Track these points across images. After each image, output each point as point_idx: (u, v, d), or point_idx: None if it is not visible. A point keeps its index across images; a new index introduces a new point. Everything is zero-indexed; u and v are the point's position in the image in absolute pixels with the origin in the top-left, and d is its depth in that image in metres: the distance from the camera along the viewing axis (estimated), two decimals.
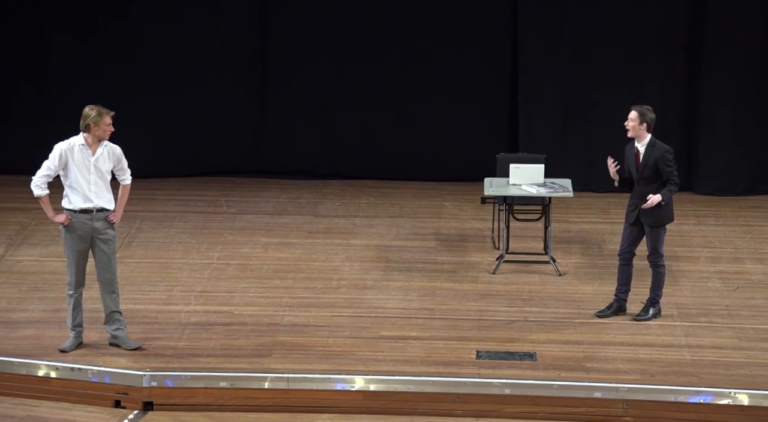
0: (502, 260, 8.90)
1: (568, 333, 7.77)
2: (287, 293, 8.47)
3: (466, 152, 10.82)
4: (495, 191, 8.92)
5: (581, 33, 10.55)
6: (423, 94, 10.94)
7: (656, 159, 7.71)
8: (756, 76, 10.45)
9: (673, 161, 7.70)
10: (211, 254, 9.26)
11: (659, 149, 7.72)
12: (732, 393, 6.94)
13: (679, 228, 9.55)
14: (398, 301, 8.33)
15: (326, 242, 9.52)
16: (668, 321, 7.91)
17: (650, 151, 7.75)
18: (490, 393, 7.08)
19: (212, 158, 11.12)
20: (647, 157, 7.74)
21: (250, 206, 10.41)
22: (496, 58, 10.80)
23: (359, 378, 7.20)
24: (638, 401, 6.98)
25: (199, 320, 8.02)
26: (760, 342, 7.60)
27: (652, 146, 7.74)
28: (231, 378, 7.20)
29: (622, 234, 7.90)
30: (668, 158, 7.69)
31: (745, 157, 10.55)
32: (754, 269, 8.83)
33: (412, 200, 10.55)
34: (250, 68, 11.04)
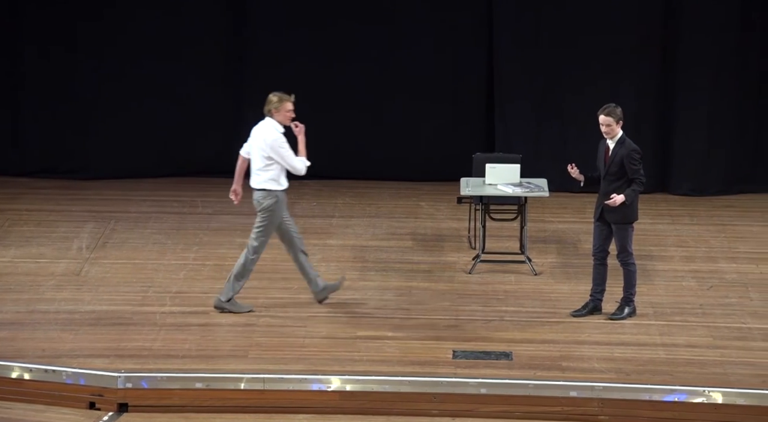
0: (479, 260, 8.91)
1: (544, 333, 7.80)
2: (263, 294, 8.44)
3: (442, 152, 10.84)
4: (471, 191, 8.94)
5: (556, 33, 10.59)
6: (399, 95, 10.95)
7: (623, 157, 7.75)
8: (730, 77, 10.52)
9: (639, 161, 7.73)
10: (187, 254, 9.22)
11: (627, 147, 7.76)
12: (706, 391, 6.98)
13: (654, 228, 9.61)
14: (375, 301, 8.33)
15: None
16: (643, 320, 7.95)
17: (618, 148, 7.79)
18: (466, 392, 7.09)
19: (188, 159, 11.08)
20: (615, 154, 7.78)
21: (226, 207, 10.34)
22: (472, 59, 10.82)
23: (335, 378, 7.19)
24: (613, 400, 7.01)
25: (175, 321, 7.98)
26: (734, 341, 7.66)
27: (621, 143, 7.78)
28: (207, 379, 7.17)
29: (593, 234, 7.93)
30: (634, 156, 7.73)
31: (719, 157, 10.61)
32: (728, 269, 8.88)
33: (388, 200, 10.55)
34: (226, 68, 11.01)
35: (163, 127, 11.04)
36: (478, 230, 9.03)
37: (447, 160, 10.63)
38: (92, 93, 10.97)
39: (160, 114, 11.01)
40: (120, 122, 10.97)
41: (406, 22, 10.79)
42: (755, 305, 8.22)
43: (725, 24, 10.41)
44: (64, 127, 11.01)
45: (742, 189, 10.59)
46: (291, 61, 10.93)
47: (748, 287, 8.53)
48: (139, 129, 11.01)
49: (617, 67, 10.51)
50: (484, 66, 10.80)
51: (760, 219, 10.00)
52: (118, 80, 10.91)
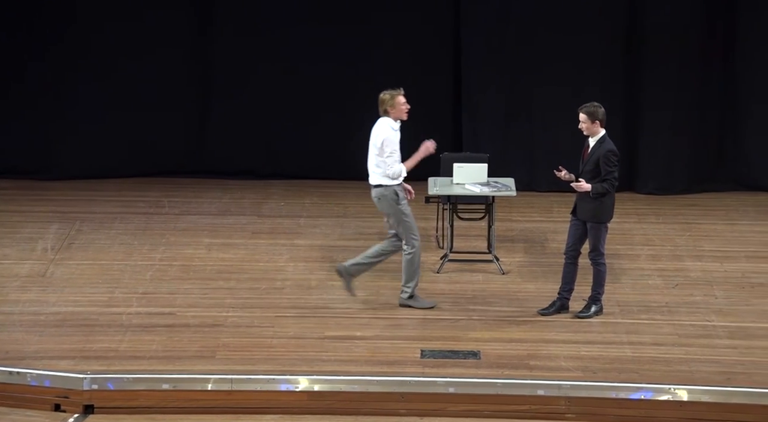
0: (446, 260, 8.93)
1: (512, 332, 7.82)
2: (230, 294, 8.41)
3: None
4: (439, 191, 8.95)
5: (523, 33, 10.63)
6: (366, 94, 10.93)
7: (599, 156, 7.80)
8: (695, 78, 10.61)
9: (614, 163, 7.77)
10: (153, 255, 9.16)
11: (605, 147, 7.81)
12: (671, 389, 7.03)
13: (621, 226, 9.67)
14: (343, 301, 8.32)
15: (270, 242, 9.47)
16: (610, 319, 8.00)
17: (597, 147, 7.84)
18: (434, 392, 7.10)
19: (154, 159, 11.01)
20: (593, 152, 7.83)
21: (193, 207, 10.33)
22: (439, 59, 10.84)
23: (303, 378, 7.17)
24: (580, 398, 7.05)
25: (141, 322, 7.93)
26: (699, 339, 7.72)
27: (601, 143, 7.83)
28: (173, 380, 7.13)
29: (568, 231, 7.98)
30: (611, 158, 7.77)
31: (684, 156, 10.71)
32: (692, 267, 8.96)
33: (356, 200, 10.54)
34: (192, 68, 10.95)
35: (129, 127, 10.96)
36: (445, 229, 9.04)
37: None
38: (55, 93, 10.88)
39: (125, 114, 10.93)
40: (85, 122, 10.89)
41: (373, 23, 10.79)
42: (720, 303, 8.29)
43: (689, 25, 10.51)
44: (27, 127, 10.90)
45: (705, 188, 10.69)
46: (257, 62, 10.90)
47: (712, 285, 8.61)
48: (104, 129, 10.93)
49: (583, 67, 10.57)
50: (452, 66, 10.82)
51: (724, 218, 10.10)
52: (83, 80, 10.83)
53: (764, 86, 10.58)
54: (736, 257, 9.16)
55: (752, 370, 7.29)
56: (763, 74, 10.57)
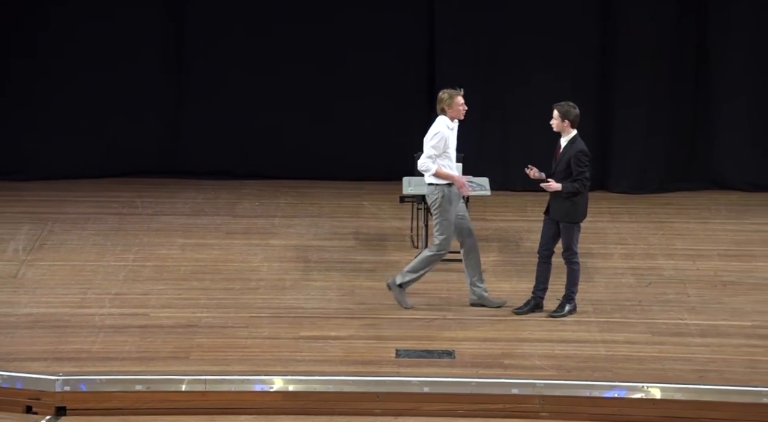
0: None
1: (486, 331, 7.84)
2: (205, 295, 8.38)
3: (384, 152, 10.85)
4: (413, 190, 8.95)
5: (498, 32, 10.66)
6: (340, 94, 10.94)
7: (570, 156, 7.83)
8: (667, 78, 10.68)
9: (585, 163, 7.81)
10: (127, 255, 9.11)
11: (576, 147, 7.85)
12: (645, 386, 7.07)
13: (594, 225, 9.72)
14: (317, 301, 8.31)
15: (244, 242, 9.45)
16: (583, 317, 8.03)
17: (568, 147, 7.87)
18: (409, 391, 7.11)
19: (127, 159, 10.95)
20: (564, 152, 7.87)
21: (167, 207, 10.28)
22: (413, 58, 10.85)
23: (278, 378, 7.16)
24: (554, 396, 7.07)
25: (114, 323, 7.89)
26: (672, 337, 7.77)
27: (572, 143, 7.87)
28: (147, 381, 7.10)
29: (541, 230, 8.00)
30: (581, 158, 7.81)
31: (657, 155, 10.77)
32: (665, 265, 9.02)
33: (330, 200, 10.54)
34: (165, 67, 10.91)
35: (102, 127, 10.90)
36: (420, 229, 9.05)
37: (389, 159, 10.64)
38: (27, 93, 10.80)
39: (98, 114, 10.87)
40: (57, 122, 10.82)
41: (346, 22, 10.79)
42: (692, 301, 8.35)
43: (662, 24, 10.57)
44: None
45: (678, 187, 10.76)
46: (231, 62, 10.86)
47: (685, 283, 8.66)
48: (76, 129, 10.86)
49: (556, 67, 10.61)
50: (426, 66, 10.83)
51: (697, 216, 10.17)
52: (55, 81, 10.75)
53: (736, 86, 10.67)
54: (708, 255, 9.22)
55: (724, 368, 7.34)
56: (735, 74, 10.65)
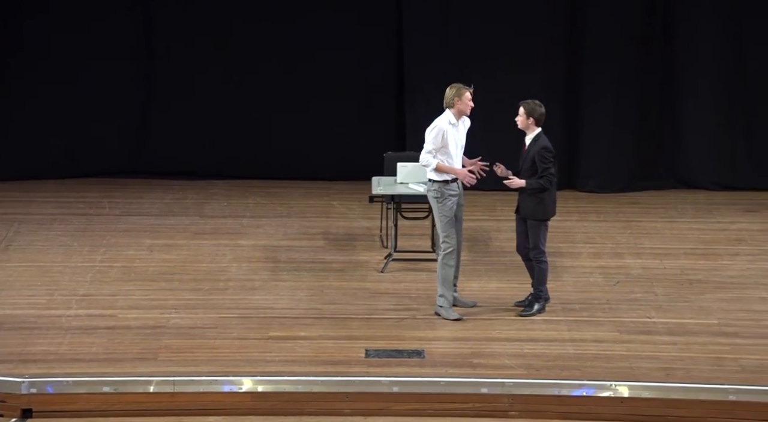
0: (391, 259, 8.94)
1: (456, 330, 7.86)
2: (173, 296, 8.33)
3: (353, 151, 10.85)
4: (383, 190, 8.96)
5: (466, 32, 10.68)
6: (309, 94, 10.93)
7: (534, 153, 7.87)
8: (633, 76, 10.75)
9: (549, 160, 7.85)
10: (94, 256, 9.05)
11: (540, 144, 7.89)
12: (612, 385, 7.11)
13: (562, 225, 9.77)
14: (287, 301, 8.29)
15: (213, 242, 9.41)
16: (552, 316, 8.07)
17: (533, 145, 7.91)
18: (378, 391, 7.10)
19: (94, 159, 10.88)
20: (529, 150, 7.91)
21: (134, 208, 10.22)
22: (383, 58, 10.85)
23: (247, 379, 7.13)
24: (523, 395, 7.09)
25: (81, 324, 7.83)
26: (639, 335, 7.82)
27: (536, 140, 7.91)
28: (114, 383, 7.05)
29: (516, 230, 8.04)
30: (545, 155, 7.85)
31: (624, 155, 10.84)
32: (633, 264, 9.08)
33: (299, 200, 10.52)
34: (133, 67, 10.84)
35: (68, 127, 10.82)
36: (389, 228, 9.05)
37: (358, 159, 10.63)
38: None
39: (64, 114, 10.79)
40: (23, 121, 10.71)
41: (315, 22, 10.77)
42: (660, 300, 8.41)
43: (629, 23, 10.63)
44: None
45: (645, 186, 10.84)
46: (199, 62, 10.82)
47: (652, 282, 8.73)
48: (42, 129, 10.77)
49: (524, 66, 10.65)
50: (394, 65, 10.84)
51: (664, 215, 10.25)
52: (21, 81, 10.65)
53: (701, 85, 10.76)
54: (675, 254, 9.29)
55: (690, 366, 7.40)
56: (700, 74, 10.74)
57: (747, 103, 10.77)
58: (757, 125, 10.79)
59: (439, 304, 7.99)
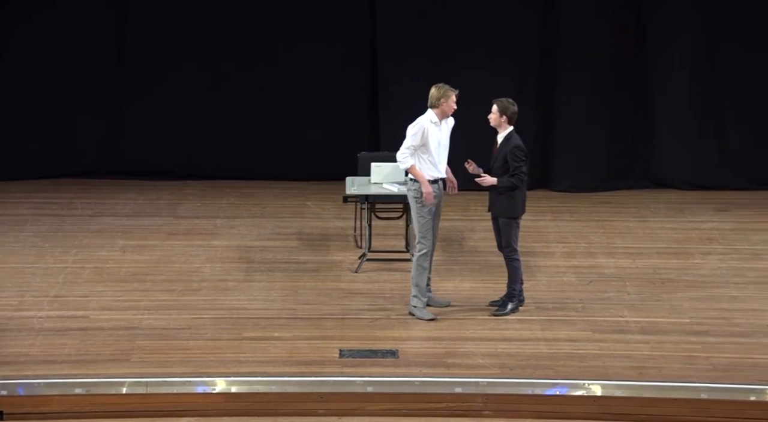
0: (365, 259, 8.94)
1: (430, 330, 7.87)
2: (146, 296, 8.29)
3: (327, 151, 10.84)
4: (356, 190, 8.95)
5: (440, 32, 10.70)
6: (283, 94, 10.90)
7: (507, 152, 7.90)
8: (607, 77, 10.80)
9: (520, 158, 7.88)
10: (66, 257, 8.99)
11: (512, 143, 7.92)
12: (586, 384, 7.15)
13: (536, 224, 9.80)
14: (260, 301, 8.27)
15: (186, 243, 9.37)
16: (526, 316, 8.09)
17: (505, 143, 7.94)
18: (352, 391, 7.10)
19: (66, 160, 10.81)
20: (501, 149, 7.93)
21: (107, 208, 10.16)
22: (356, 57, 10.85)
23: (220, 380, 7.11)
24: (497, 395, 7.11)
25: (53, 325, 7.77)
26: (612, 334, 7.86)
27: (508, 138, 7.93)
28: (87, 385, 7.01)
29: (493, 229, 8.08)
30: (517, 153, 7.88)
31: (597, 155, 10.89)
32: (606, 264, 9.12)
33: (273, 200, 10.49)
34: (105, 67, 10.78)
35: (40, 127, 10.74)
36: (363, 228, 9.05)
37: (332, 159, 10.62)
38: None
39: (36, 114, 10.71)
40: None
41: (290, 22, 10.75)
42: (632, 299, 8.46)
43: (602, 24, 10.69)
44: None
45: (618, 186, 10.90)
46: (172, 61, 10.77)
47: (625, 281, 8.77)
48: (13, 130, 10.68)
49: (497, 65, 10.68)
50: (369, 65, 10.84)
51: (636, 215, 10.31)
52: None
53: (674, 86, 10.82)
54: (647, 253, 9.35)
55: (662, 364, 7.45)
56: (673, 74, 10.81)
57: (719, 103, 10.85)
58: (729, 126, 10.88)
59: (413, 304, 7.99)
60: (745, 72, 10.73)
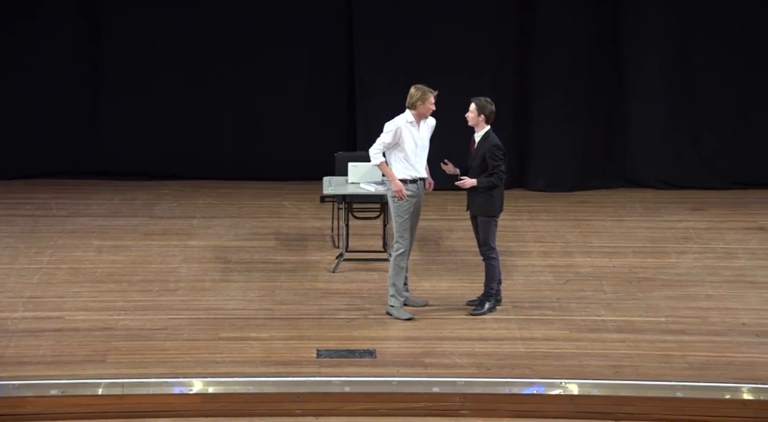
0: (342, 259, 8.93)
1: (407, 330, 7.87)
2: (122, 297, 8.25)
3: (304, 151, 10.82)
4: (334, 190, 8.94)
5: (417, 32, 10.70)
6: (260, 93, 10.88)
7: (485, 151, 7.92)
8: (583, 77, 10.85)
9: (499, 157, 7.90)
10: (41, 258, 8.93)
11: (490, 142, 7.93)
12: (563, 383, 7.17)
13: (513, 224, 9.83)
14: (237, 302, 8.24)
15: (163, 243, 9.33)
16: (503, 315, 8.11)
17: (483, 142, 7.95)
18: (329, 391, 7.10)
19: (41, 160, 10.73)
20: (479, 148, 7.95)
21: (82, 209, 10.10)
22: (333, 57, 10.84)
23: (197, 380, 7.08)
24: (474, 394, 7.13)
25: (28, 326, 7.72)
26: (588, 333, 7.89)
27: (486, 138, 7.95)
28: (62, 386, 6.96)
29: (473, 229, 8.07)
30: (495, 152, 7.90)
31: (573, 154, 10.93)
32: (582, 263, 9.15)
33: (250, 200, 10.47)
34: (80, 66, 10.71)
35: (14, 127, 10.66)
36: (341, 228, 9.04)
37: (310, 159, 10.61)
38: None
39: (9, 113, 10.63)
40: None
41: (267, 22, 10.73)
42: (609, 298, 8.49)
43: (577, 23, 10.73)
44: None
45: (595, 185, 10.94)
46: (148, 61, 10.72)
47: (602, 280, 8.81)
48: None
49: (474, 65, 10.70)
50: (345, 65, 10.84)
51: (613, 214, 10.35)
52: None
53: (650, 86, 10.88)
54: (623, 252, 9.39)
55: (639, 363, 7.48)
56: (648, 74, 10.87)
57: (694, 103, 10.92)
58: (703, 125, 10.95)
59: (391, 304, 7.99)
60: (720, 73, 10.81)
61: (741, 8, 10.70)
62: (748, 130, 10.89)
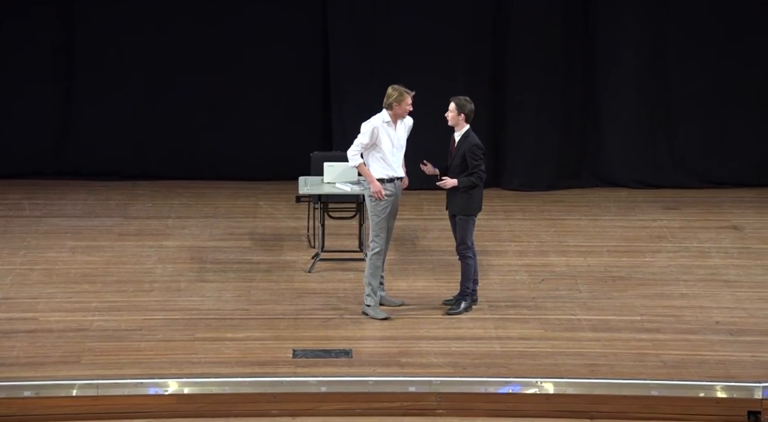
0: (318, 259, 8.92)
1: (383, 329, 7.87)
2: (96, 298, 8.20)
3: (280, 151, 10.80)
4: (309, 190, 8.93)
5: (392, 31, 10.71)
6: (235, 94, 10.85)
7: (465, 151, 7.93)
8: (557, 77, 10.89)
9: (479, 156, 7.92)
10: (14, 259, 8.86)
11: (470, 141, 7.95)
12: (538, 382, 7.20)
13: (489, 223, 9.85)
14: (213, 302, 8.22)
15: (137, 244, 9.28)
16: (479, 314, 8.13)
17: (462, 141, 7.97)
18: (306, 391, 7.09)
19: (14, 160, 10.65)
20: (459, 147, 7.96)
21: (56, 209, 10.04)
22: (308, 57, 10.83)
23: (173, 381, 7.05)
24: (450, 393, 7.14)
25: (1, 328, 7.67)
26: (564, 332, 7.92)
27: (466, 137, 7.96)
28: (36, 387, 6.92)
29: (451, 228, 8.08)
30: (475, 151, 7.92)
31: (548, 154, 10.98)
32: (558, 262, 9.19)
33: (226, 200, 10.43)
34: (53, 66, 10.64)
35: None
36: (317, 228, 9.04)
37: (285, 159, 10.59)
38: None
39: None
40: None
41: (242, 22, 10.70)
42: (584, 297, 8.53)
43: (551, 23, 10.76)
44: None
45: (570, 184, 10.99)
46: (122, 61, 10.66)
47: (577, 279, 8.85)
48: None
49: (449, 65, 10.72)
50: (321, 65, 10.82)
51: (587, 213, 10.40)
52: None
53: (623, 85, 10.94)
54: (598, 251, 9.44)
55: (614, 362, 7.52)
56: (622, 74, 10.92)
57: (668, 103, 10.99)
58: (677, 125, 11.02)
59: (367, 303, 8.00)
60: (695, 71, 10.88)
61: (717, 7, 10.76)
62: (722, 129, 10.98)
